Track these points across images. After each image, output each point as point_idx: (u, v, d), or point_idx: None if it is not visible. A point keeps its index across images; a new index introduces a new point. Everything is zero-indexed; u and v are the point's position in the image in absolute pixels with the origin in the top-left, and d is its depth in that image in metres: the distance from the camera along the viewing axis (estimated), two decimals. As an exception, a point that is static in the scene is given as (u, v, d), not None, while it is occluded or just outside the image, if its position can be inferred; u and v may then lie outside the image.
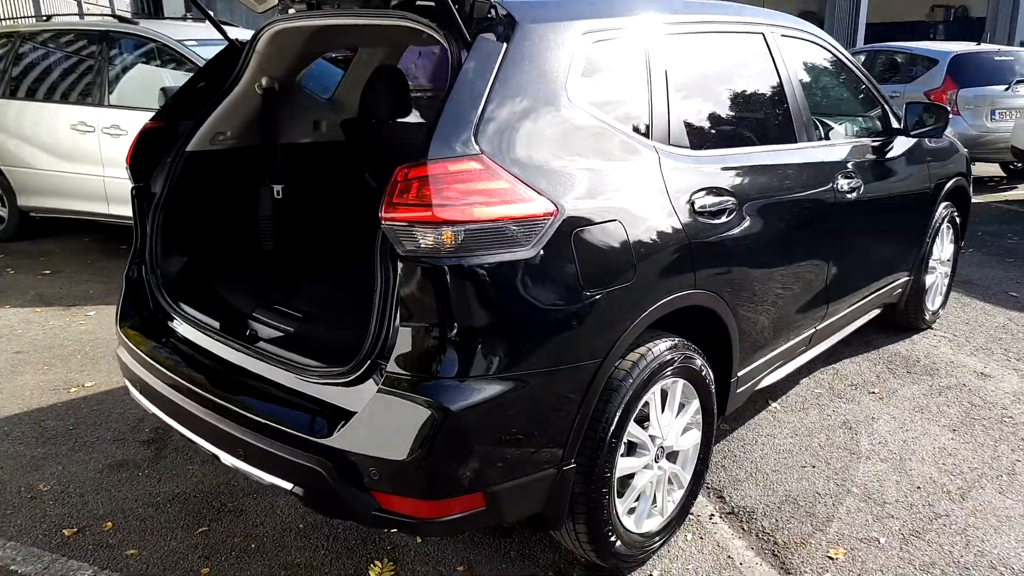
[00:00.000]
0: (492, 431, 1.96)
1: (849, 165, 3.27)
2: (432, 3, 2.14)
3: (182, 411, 2.33)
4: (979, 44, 9.67)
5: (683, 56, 2.61)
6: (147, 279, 2.76)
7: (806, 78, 3.27)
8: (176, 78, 5.76)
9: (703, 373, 2.54)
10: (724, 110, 2.81)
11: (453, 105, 1.95)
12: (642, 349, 2.31)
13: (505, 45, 2.07)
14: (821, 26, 20.52)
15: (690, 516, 2.79)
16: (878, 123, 3.78)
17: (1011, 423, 3.46)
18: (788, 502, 2.89)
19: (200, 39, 5.90)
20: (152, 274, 2.73)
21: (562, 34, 2.20)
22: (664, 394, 2.47)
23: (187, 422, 2.33)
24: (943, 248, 4.45)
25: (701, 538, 2.70)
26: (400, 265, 1.87)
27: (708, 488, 2.98)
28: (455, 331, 1.88)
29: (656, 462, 2.48)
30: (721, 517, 2.82)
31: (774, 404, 3.65)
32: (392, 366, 1.92)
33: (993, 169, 10.02)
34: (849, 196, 3.23)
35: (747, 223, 2.61)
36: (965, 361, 4.11)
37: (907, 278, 4.10)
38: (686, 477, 2.64)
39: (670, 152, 2.40)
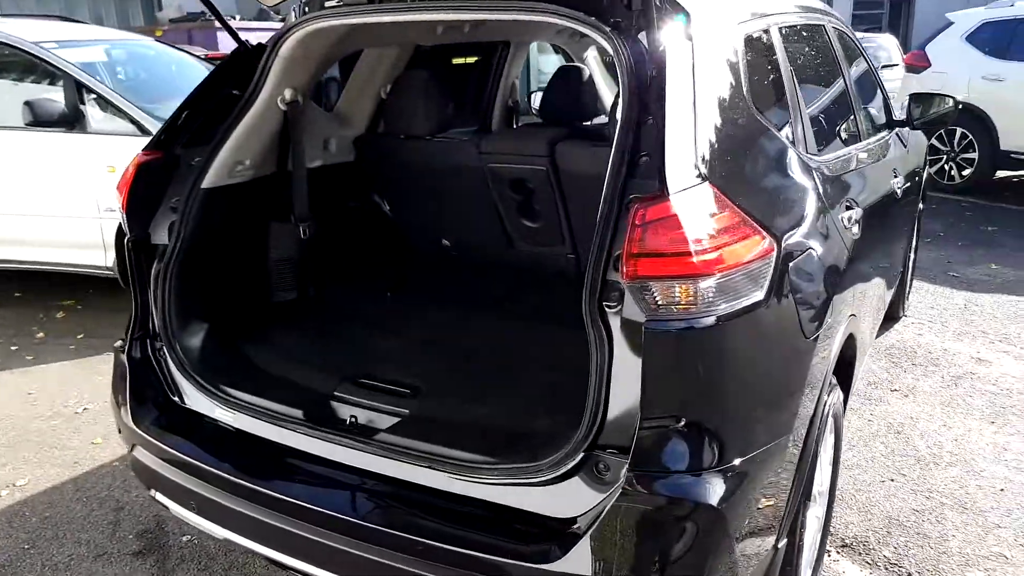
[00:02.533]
0: (742, 523, 1.60)
1: (896, 162, 3.18)
2: None
3: (288, 537, 1.76)
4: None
5: (792, 53, 2.36)
6: (158, 358, 2.13)
7: (850, 72, 3.12)
8: (37, 89, 4.78)
9: (843, 408, 2.32)
10: (823, 110, 2.59)
11: (662, 124, 1.56)
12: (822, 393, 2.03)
13: (690, 43, 1.70)
14: None
15: (810, 555, 2.56)
16: (883, 115, 3.74)
17: (1035, 408, 3.54)
18: (894, 525, 2.73)
19: (63, 40, 4.93)
20: (171, 351, 2.10)
21: (732, 29, 1.88)
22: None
23: (299, 552, 1.77)
24: (913, 240, 4.55)
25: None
26: (645, 330, 1.46)
27: (809, 519, 2.77)
28: (713, 407, 1.51)
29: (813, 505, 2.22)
30: (837, 551, 2.62)
31: (815, 413, 3.52)
32: (637, 460, 1.50)
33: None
34: (897, 192, 3.14)
35: (866, 236, 2.40)
36: (956, 348, 4.20)
37: (901, 270, 4.13)
38: (821, 516, 2.40)
39: (813, 163, 2.14)
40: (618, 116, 1.70)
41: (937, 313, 4.72)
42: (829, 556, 2.58)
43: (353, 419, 1.92)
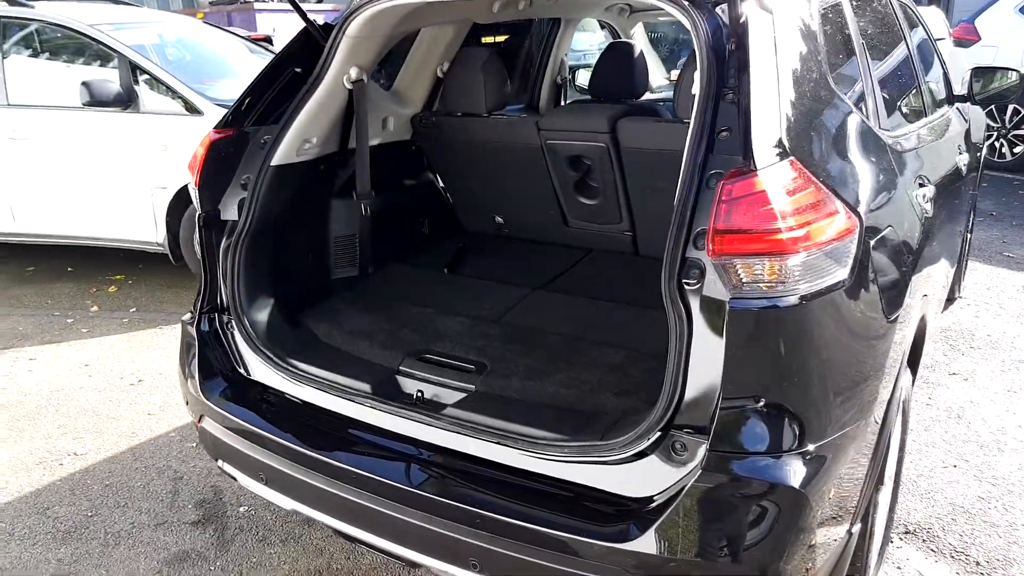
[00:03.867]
0: (822, 508, 1.57)
1: (963, 137, 3.08)
2: None
3: (357, 508, 1.77)
4: None
5: (867, 22, 2.29)
6: (225, 331, 2.14)
7: (914, 45, 3.03)
8: (92, 70, 4.84)
9: (910, 387, 2.26)
10: (891, 85, 2.51)
11: (748, 99, 1.51)
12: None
13: (771, 16, 1.65)
14: None
15: (871, 540, 2.52)
16: (943, 89, 3.62)
17: (1104, 394, 3.43)
18: (960, 512, 2.67)
19: (117, 22, 4.98)
20: (239, 324, 2.12)
21: (804, 0, 1.81)
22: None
23: (368, 523, 1.78)
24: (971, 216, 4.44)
25: (899, 568, 2.43)
26: (728, 309, 1.43)
27: (870, 504, 2.72)
28: (795, 388, 1.48)
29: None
30: (901, 538, 2.57)
31: (871, 397, 3.46)
32: (717, 441, 1.48)
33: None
34: (962, 168, 3.04)
35: (937, 214, 2.33)
36: (1016, 331, 4.09)
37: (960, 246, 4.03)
38: (887, 500, 2.36)
39: (888, 140, 2.07)
40: (695, 91, 1.66)
41: (994, 295, 4.59)
42: (892, 543, 2.54)
43: (420, 393, 1.92)
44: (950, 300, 4.39)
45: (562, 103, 4.12)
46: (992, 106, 7.20)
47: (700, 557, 1.47)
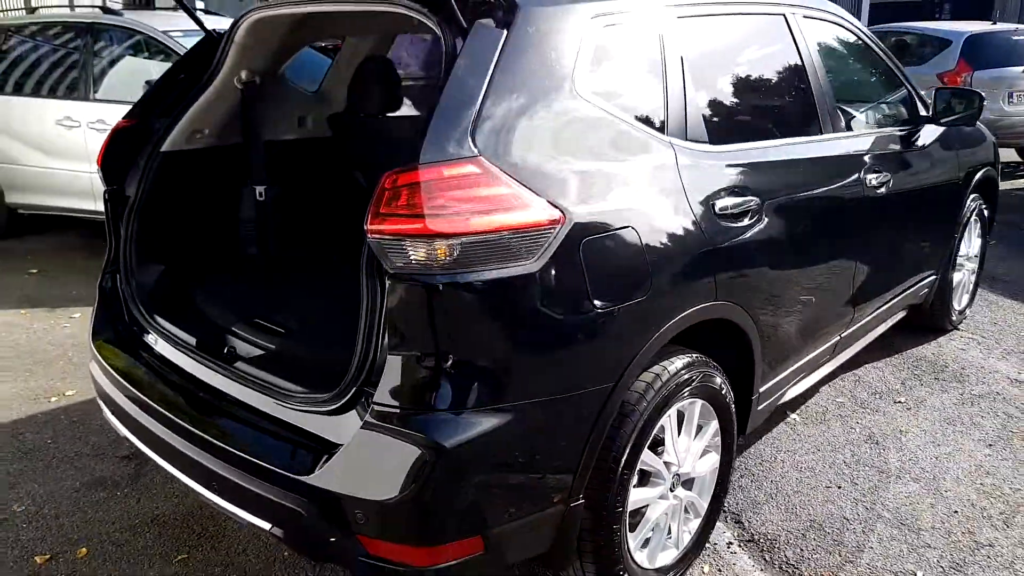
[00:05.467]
0: (492, 468, 1.75)
1: (877, 157, 3.03)
2: None
3: (154, 437, 2.12)
4: (994, 23, 9.34)
5: (699, 41, 2.38)
6: (122, 289, 2.55)
7: (830, 63, 3.02)
8: (162, 70, 5.54)
9: (723, 391, 2.32)
10: (745, 100, 2.57)
11: (447, 101, 1.72)
12: (657, 368, 2.09)
13: (505, 32, 1.84)
14: None
15: (707, 545, 2.57)
16: (904, 110, 3.54)
17: (1050, 437, 3.23)
18: (814, 529, 2.67)
19: (186, 30, 5.67)
20: (127, 284, 2.52)
21: (568, 19, 1.97)
22: (680, 416, 2.25)
23: (159, 449, 2.12)
24: (971, 243, 4.22)
25: (719, 570, 2.48)
26: (388, 283, 1.66)
27: (726, 511, 2.76)
28: (450, 357, 1.67)
29: (672, 491, 2.27)
30: (740, 545, 2.61)
31: (793, 415, 3.43)
32: (380, 396, 1.71)
33: (1009, 155, 9.71)
34: (878, 191, 2.99)
35: (771, 225, 2.38)
36: (996, 366, 3.87)
37: (933, 276, 3.87)
38: (703, 505, 2.42)
39: (688, 148, 2.17)
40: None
41: (997, 330, 4.33)
42: (729, 548, 2.59)
43: (232, 349, 2.24)
44: (937, 329, 4.22)
45: None
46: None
47: (359, 497, 1.69)
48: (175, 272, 2.62)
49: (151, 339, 2.42)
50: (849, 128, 3.08)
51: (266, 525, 1.84)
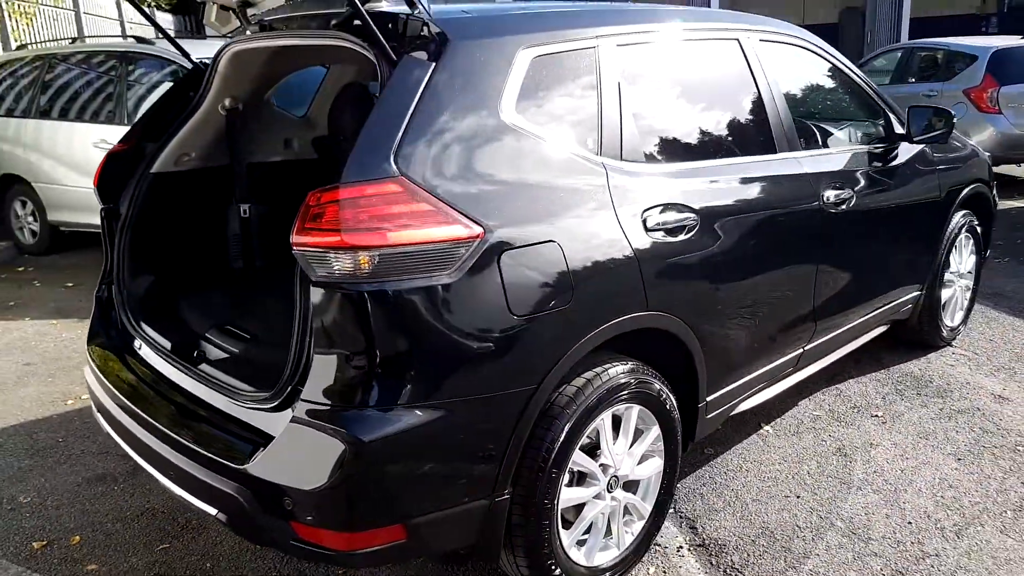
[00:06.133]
0: (412, 463, 1.90)
1: (838, 175, 3.11)
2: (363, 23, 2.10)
3: (126, 431, 2.33)
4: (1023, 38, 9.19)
5: (640, 68, 2.52)
6: (115, 299, 2.78)
7: (790, 85, 3.13)
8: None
9: (662, 398, 2.43)
10: (688, 122, 2.68)
11: (373, 126, 1.91)
12: (588, 374, 2.22)
13: (434, 64, 2.01)
14: (863, 23, 19.32)
15: (657, 547, 2.67)
16: (880, 129, 3.60)
17: None
18: (764, 535, 2.74)
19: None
20: (119, 294, 2.75)
21: (498, 51, 2.13)
22: (617, 420, 2.37)
23: (131, 442, 2.33)
24: (962, 260, 4.22)
25: (665, 572, 2.58)
26: (312, 291, 1.84)
27: (681, 517, 2.86)
28: (369, 359, 1.83)
29: (609, 492, 2.38)
30: (690, 550, 2.70)
31: (766, 427, 3.50)
32: (307, 394, 1.88)
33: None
34: (839, 208, 3.07)
35: (710, 240, 2.50)
36: (983, 382, 3.87)
37: (917, 293, 3.89)
38: (647, 508, 2.53)
39: (621, 168, 2.31)
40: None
41: (991, 347, 4.31)
42: (679, 552, 2.68)
43: (201, 354, 2.45)
44: (927, 346, 4.23)
45: None
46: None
47: (287, 485, 1.86)
48: (163, 283, 2.85)
49: (136, 344, 2.65)
50: (812, 147, 3.17)
51: (213, 511, 2.02)
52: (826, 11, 28.89)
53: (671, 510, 2.89)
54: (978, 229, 4.27)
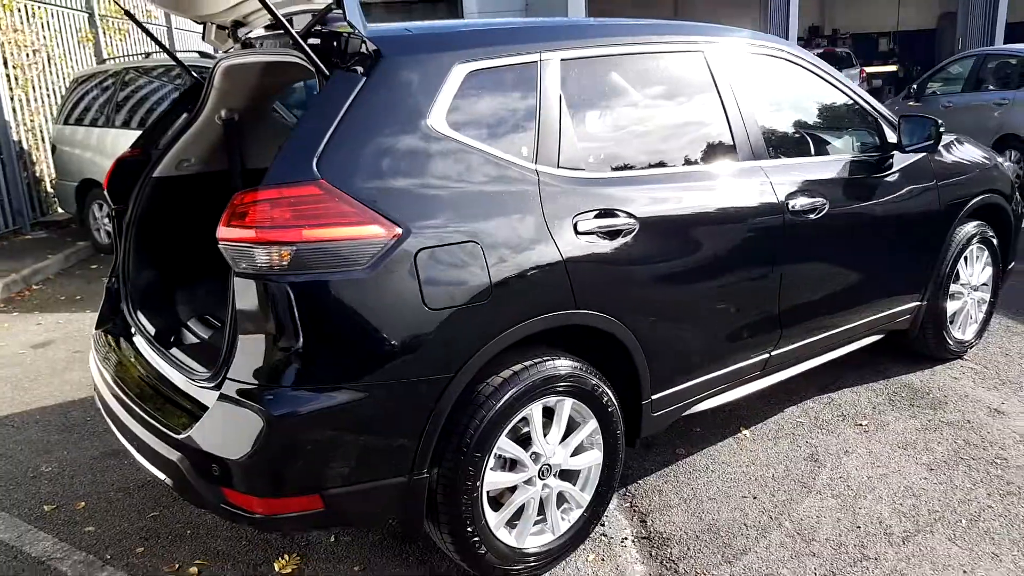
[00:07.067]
0: (328, 439, 2.09)
1: (811, 183, 3.14)
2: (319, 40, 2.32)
3: (112, 411, 2.62)
4: None
5: (587, 82, 2.65)
6: (120, 290, 3.10)
7: (764, 96, 3.18)
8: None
9: (597, 392, 2.55)
10: (636, 133, 2.79)
11: (300, 133, 2.12)
12: (517, 367, 2.37)
13: (365, 78, 2.21)
14: (954, 26, 18.45)
15: (604, 537, 2.79)
16: (870, 139, 3.59)
17: (1002, 466, 3.17)
18: (710, 532, 2.81)
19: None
20: (123, 286, 3.07)
21: (434, 65, 2.31)
22: (550, 412, 2.51)
23: (114, 421, 2.61)
24: (974, 272, 4.12)
25: (603, 559, 2.69)
26: (235, 281, 2.06)
27: (634, 511, 2.96)
28: (287, 344, 2.04)
29: (541, 479, 2.51)
30: (634, 541, 2.80)
31: (745, 431, 3.54)
32: (233, 373, 2.11)
33: None
34: (808, 217, 3.09)
35: (653, 245, 2.60)
36: (982, 396, 3.78)
37: (917, 304, 3.84)
38: (585, 498, 2.64)
39: (555, 174, 2.45)
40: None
41: (1005, 360, 4.18)
42: (623, 542, 2.78)
43: (177, 340, 2.72)
44: (934, 359, 4.15)
45: None
46: None
47: (214, 454, 2.09)
48: (161, 276, 3.16)
49: (132, 331, 2.95)
50: (788, 156, 3.21)
51: (162, 476, 2.28)
52: (922, 16, 27.62)
53: (627, 504, 3.00)
54: (994, 241, 4.16)
